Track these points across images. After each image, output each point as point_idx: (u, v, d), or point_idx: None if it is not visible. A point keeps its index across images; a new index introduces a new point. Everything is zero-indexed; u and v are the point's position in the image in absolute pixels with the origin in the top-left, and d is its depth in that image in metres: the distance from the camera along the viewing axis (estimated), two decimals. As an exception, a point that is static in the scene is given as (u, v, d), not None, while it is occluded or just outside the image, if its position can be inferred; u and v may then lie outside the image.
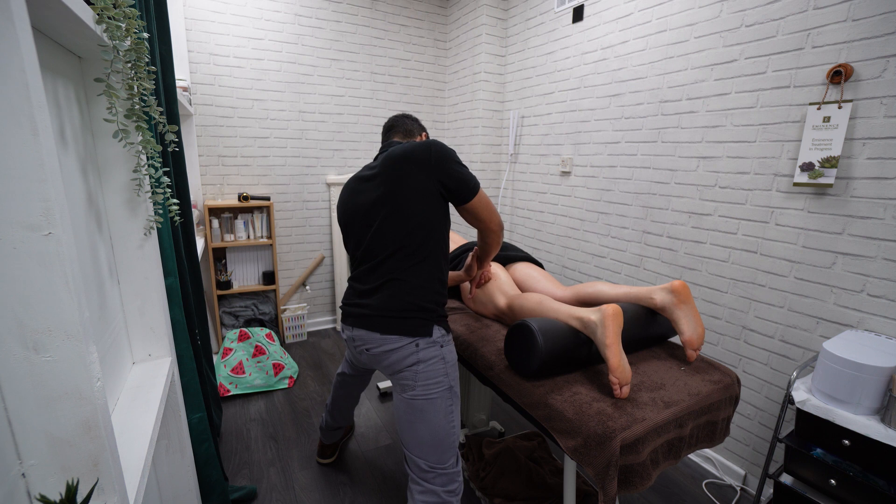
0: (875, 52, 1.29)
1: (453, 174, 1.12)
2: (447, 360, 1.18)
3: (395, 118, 1.40)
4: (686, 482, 1.76)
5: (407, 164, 1.11)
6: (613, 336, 1.07)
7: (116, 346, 0.93)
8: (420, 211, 1.11)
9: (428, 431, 1.16)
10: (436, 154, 1.11)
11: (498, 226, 1.25)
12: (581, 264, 2.46)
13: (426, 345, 1.14)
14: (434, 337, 1.15)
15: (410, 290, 1.14)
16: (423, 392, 1.15)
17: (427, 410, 1.15)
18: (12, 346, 0.52)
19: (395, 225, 1.12)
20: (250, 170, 2.75)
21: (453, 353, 1.21)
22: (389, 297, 1.14)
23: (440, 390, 1.16)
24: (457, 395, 1.21)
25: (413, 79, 3.14)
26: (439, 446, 1.16)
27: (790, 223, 1.53)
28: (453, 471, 1.18)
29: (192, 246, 1.57)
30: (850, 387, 1.16)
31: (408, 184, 1.10)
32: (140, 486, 0.70)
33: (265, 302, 2.85)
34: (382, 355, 1.17)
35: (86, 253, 0.79)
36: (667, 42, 1.88)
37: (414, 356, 1.14)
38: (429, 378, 1.15)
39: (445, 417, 1.17)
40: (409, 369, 1.15)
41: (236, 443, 1.91)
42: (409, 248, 1.12)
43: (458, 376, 1.22)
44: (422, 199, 1.11)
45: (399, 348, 1.14)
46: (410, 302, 1.14)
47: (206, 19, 2.46)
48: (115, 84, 0.75)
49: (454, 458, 1.19)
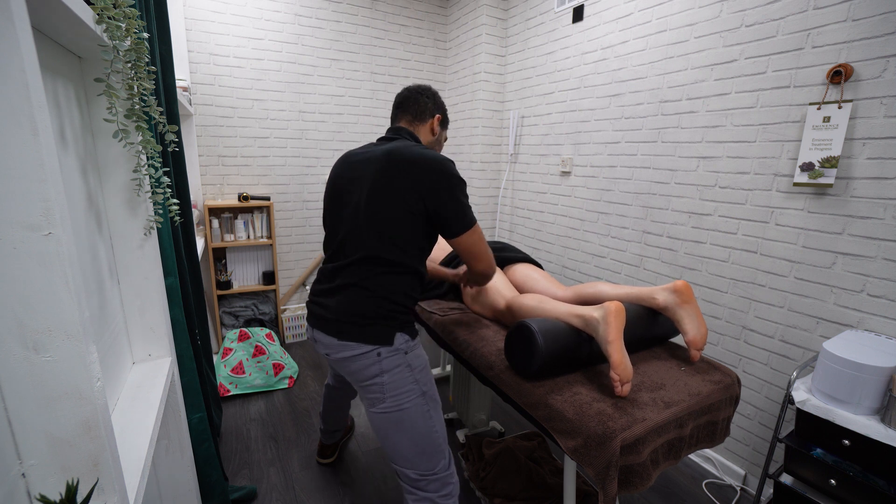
0: (875, 52, 1.29)
1: (448, 204, 1.04)
2: (414, 367, 1.11)
3: (406, 93, 1.27)
4: (686, 482, 1.76)
5: (404, 176, 1.03)
6: (616, 333, 1.06)
7: (116, 346, 0.93)
8: (398, 226, 1.05)
9: (409, 442, 1.11)
10: (441, 179, 1.03)
11: (481, 273, 1.19)
12: (581, 264, 2.46)
13: (388, 353, 1.08)
14: (396, 345, 1.08)
15: (371, 298, 1.07)
16: (395, 404, 1.09)
17: (403, 421, 1.10)
18: (12, 346, 0.52)
19: (369, 232, 1.06)
20: (250, 170, 2.75)
21: (420, 357, 1.15)
22: (350, 301, 1.08)
23: (412, 398, 1.10)
24: (433, 398, 1.15)
25: (413, 79, 3.14)
26: (424, 454, 1.12)
27: (790, 223, 1.53)
28: (445, 474, 1.14)
29: (192, 246, 1.57)
30: (850, 387, 1.16)
31: (397, 195, 1.03)
32: (140, 486, 0.70)
33: (265, 302, 2.85)
34: (343, 362, 1.11)
35: (86, 253, 0.79)
36: (667, 42, 1.88)
37: (377, 366, 1.08)
38: (397, 388, 1.09)
39: (425, 424, 1.11)
40: (374, 381, 1.09)
41: (236, 443, 1.91)
42: (381, 259, 1.07)
43: (431, 380, 1.16)
44: (406, 214, 1.04)
45: (359, 356, 1.08)
46: (371, 309, 1.07)
47: (206, 19, 2.46)
48: (115, 84, 0.75)
49: (444, 460, 1.15)
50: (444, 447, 1.16)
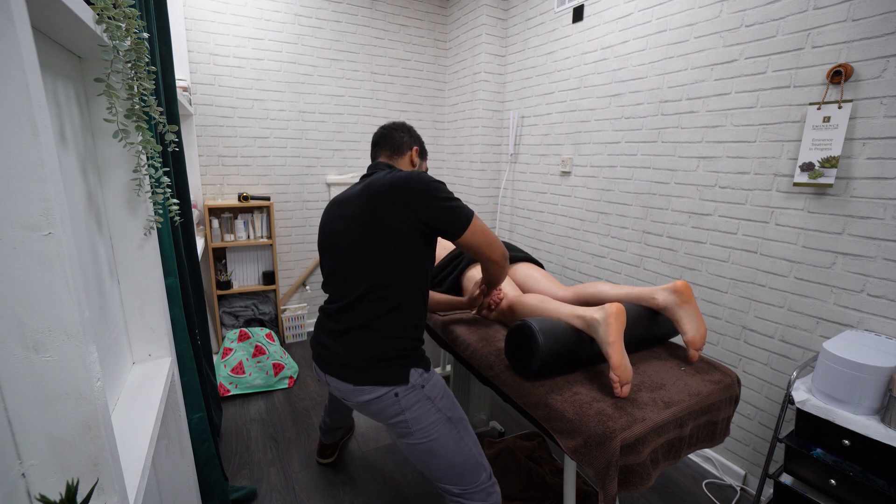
0: (875, 52, 1.29)
1: (436, 212, 1.05)
2: (433, 397, 1.13)
3: (382, 131, 1.31)
4: (686, 482, 1.76)
5: (383, 202, 1.04)
6: (616, 334, 1.06)
7: (116, 346, 0.93)
8: (393, 252, 1.05)
9: (445, 465, 1.13)
10: (415, 192, 1.03)
11: (501, 256, 1.17)
12: (581, 264, 2.46)
13: (405, 392, 1.09)
14: (412, 382, 1.10)
15: (381, 339, 1.09)
16: (422, 436, 1.11)
17: (434, 450, 1.12)
18: (12, 346, 0.52)
19: (365, 263, 1.07)
20: (250, 170, 2.75)
21: (437, 385, 1.16)
22: (359, 345, 1.09)
23: (439, 427, 1.12)
24: (459, 419, 1.17)
25: (413, 79, 3.14)
26: (463, 472, 1.14)
27: (790, 223, 1.53)
28: (487, 484, 1.16)
29: (192, 246, 1.57)
30: (850, 387, 1.16)
31: (383, 222, 1.04)
32: (140, 486, 0.70)
33: (265, 302, 2.85)
34: (362, 406, 1.13)
35: (86, 253, 0.79)
36: (667, 42, 1.88)
37: (396, 406, 1.09)
38: (421, 422, 1.10)
39: (457, 446, 1.13)
40: (398, 419, 1.10)
41: (236, 443, 1.91)
42: (380, 291, 1.07)
43: (454, 402, 1.18)
44: (397, 238, 1.04)
45: (377, 399, 1.09)
46: (381, 351, 1.08)
47: (206, 19, 2.46)
48: (115, 84, 0.75)
49: (484, 472, 1.17)
50: (482, 460, 1.18)
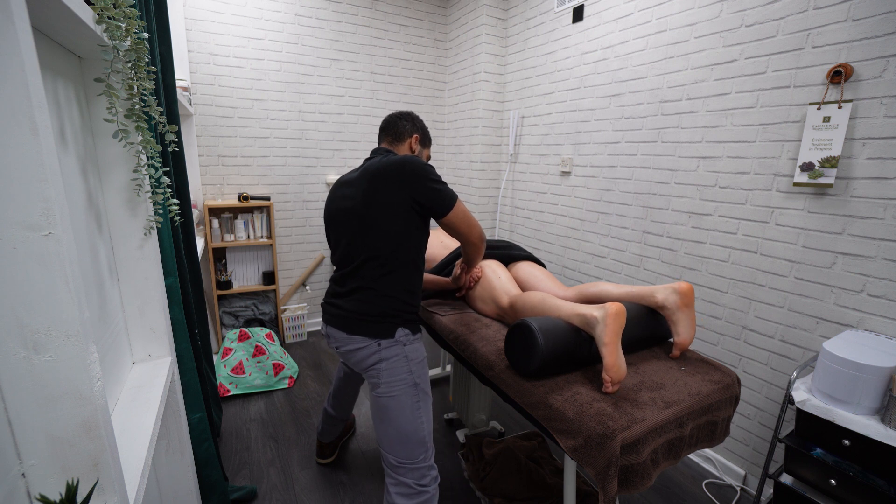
0: (875, 52, 1.29)
1: (427, 192, 1.16)
2: (410, 358, 1.22)
3: (389, 119, 1.40)
4: (686, 482, 1.76)
5: (380, 182, 1.16)
6: (612, 335, 1.07)
7: (116, 346, 0.93)
8: (389, 225, 1.16)
9: (393, 428, 1.20)
10: (409, 173, 1.15)
11: (478, 238, 1.30)
12: (581, 264, 2.46)
13: (388, 344, 1.20)
14: (397, 337, 1.20)
15: (378, 298, 1.20)
16: (387, 389, 1.20)
17: (391, 408, 1.20)
18: (12, 346, 0.52)
19: (365, 236, 1.18)
20: (250, 170, 2.75)
21: (419, 350, 1.25)
22: (361, 302, 1.21)
23: (404, 387, 1.20)
24: (424, 392, 1.24)
25: (413, 79, 3.14)
26: (407, 443, 1.20)
27: (790, 223, 1.53)
28: (424, 465, 1.22)
29: (192, 246, 1.57)
30: (850, 387, 1.16)
31: (379, 199, 1.16)
32: (140, 486, 0.70)
33: (265, 302, 2.85)
34: (349, 353, 1.24)
35: (86, 253, 0.79)
36: (667, 42, 1.88)
37: (376, 355, 1.20)
38: (392, 375, 1.20)
39: (412, 414, 1.20)
40: (374, 368, 1.21)
41: (236, 443, 1.91)
42: (378, 259, 1.18)
43: (426, 375, 1.26)
44: (392, 214, 1.16)
45: (362, 348, 1.20)
46: (378, 308, 1.20)
47: (206, 19, 2.46)
48: (115, 84, 0.75)
49: (424, 453, 1.22)
50: (428, 441, 1.24)
